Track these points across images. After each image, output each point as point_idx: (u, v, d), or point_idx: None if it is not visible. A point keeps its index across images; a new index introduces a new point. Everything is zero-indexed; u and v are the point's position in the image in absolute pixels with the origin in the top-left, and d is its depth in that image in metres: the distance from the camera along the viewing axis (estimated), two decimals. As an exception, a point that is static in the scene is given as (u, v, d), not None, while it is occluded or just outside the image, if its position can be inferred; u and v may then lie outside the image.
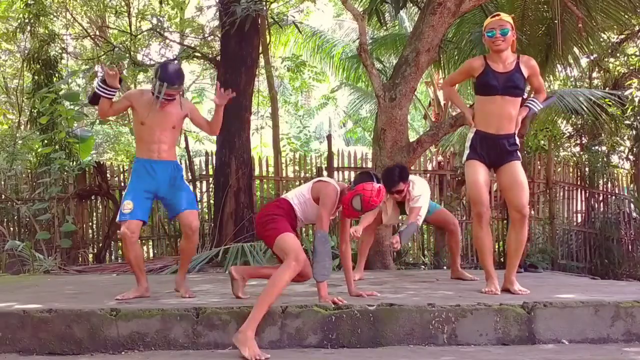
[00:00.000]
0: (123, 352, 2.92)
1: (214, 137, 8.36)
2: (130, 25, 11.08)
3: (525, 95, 4.06)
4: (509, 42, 3.76)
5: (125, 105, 3.83)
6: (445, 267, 6.94)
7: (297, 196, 3.53)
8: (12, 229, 8.51)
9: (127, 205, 3.61)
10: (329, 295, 3.27)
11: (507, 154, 3.78)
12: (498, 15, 3.83)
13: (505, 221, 8.46)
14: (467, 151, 3.91)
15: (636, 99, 9.38)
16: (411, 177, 4.81)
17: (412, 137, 9.03)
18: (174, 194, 3.76)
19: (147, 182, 3.71)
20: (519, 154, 3.85)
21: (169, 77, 3.60)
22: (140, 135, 3.79)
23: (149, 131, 3.72)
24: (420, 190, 4.67)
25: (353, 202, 3.36)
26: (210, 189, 8.35)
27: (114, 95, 3.68)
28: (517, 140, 3.85)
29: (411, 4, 7.63)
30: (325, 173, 8.41)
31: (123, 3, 10.91)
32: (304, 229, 7.69)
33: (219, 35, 8.65)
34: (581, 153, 10.53)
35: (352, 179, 3.86)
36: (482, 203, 3.78)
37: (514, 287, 3.76)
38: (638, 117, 9.47)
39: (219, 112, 3.81)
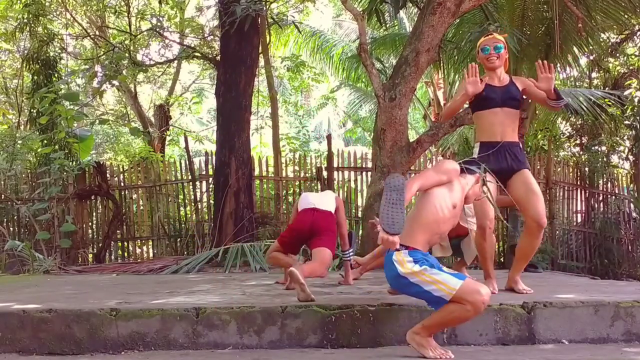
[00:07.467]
0: (123, 352, 2.91)
1: (214, 137, 8.34)
2: (129, 25, 11.07)
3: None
4: (503, 60, 3.79)
5: None
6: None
7: None
8: (11, 229, 8.51)
9: None
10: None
11: (517, 162, 3.67)
12: (491, 34, 3.88)
13: (505, 221, 8.45)
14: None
15: (636, 99, 9.38)
16: None
17: (412, 137, 9.02)
18: None
19: None
20: (527, 163, 3.78)
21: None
22: None
23: None
24: None
25: None
26: (210, 189, 8.34)
27: None
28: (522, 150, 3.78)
29: (411, 4, 7.61)
30: (325, 173, 8.40)
31: (122, 3, 10.90)
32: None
33: (219, 35, 8.65)
34: (581, 153, 10.53)
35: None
36: (486, 216, 3.71)
37: (518, 287, 3.76)
38: (637, 117, 9.46)
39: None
